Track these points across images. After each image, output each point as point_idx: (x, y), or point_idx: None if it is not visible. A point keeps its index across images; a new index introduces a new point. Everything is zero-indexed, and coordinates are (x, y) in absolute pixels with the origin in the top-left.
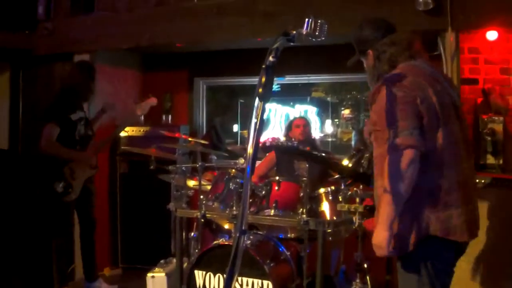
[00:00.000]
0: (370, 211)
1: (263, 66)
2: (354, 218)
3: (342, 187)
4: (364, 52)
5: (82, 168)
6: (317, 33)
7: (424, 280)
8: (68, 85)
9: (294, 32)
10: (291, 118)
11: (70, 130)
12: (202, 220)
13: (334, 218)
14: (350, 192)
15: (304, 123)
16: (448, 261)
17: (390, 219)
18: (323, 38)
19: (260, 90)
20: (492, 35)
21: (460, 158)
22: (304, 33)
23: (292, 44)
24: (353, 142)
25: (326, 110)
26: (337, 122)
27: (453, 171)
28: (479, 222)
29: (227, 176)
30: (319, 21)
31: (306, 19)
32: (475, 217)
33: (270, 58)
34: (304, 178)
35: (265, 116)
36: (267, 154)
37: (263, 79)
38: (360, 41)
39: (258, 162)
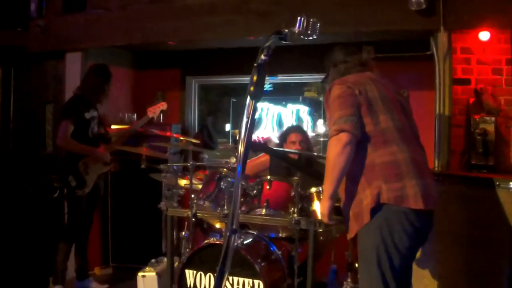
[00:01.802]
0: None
1: (255, 65)
2: None
3: None
4: (328, 67)
5: (95, 164)
6: (309, 32)
7: (381, 249)
8: (84, 86)
9: (287, 30)
10: (286, 128)
11: (84, 127)
12: (193, 219)
13: None
14: None
15: (300, 139)
16: (406, 230)
17: (329, 192)
18: (315, 37)
19: (252, 88)
20: (484, 35)
21: (406, 140)
22: (296, 31)
23: (284, 42)
24: None
25: (318, 109)
26: None
27: (400, 148)
28: (437, 198)
29: (218, 175)
30: (311, 20)
31: (299, 18)
32: (431, 191)
33: (262, 57)
34: (295, 178)
35: (257, 116)
36: (260, 155)
37: (255, 78)
38: (328, 59)
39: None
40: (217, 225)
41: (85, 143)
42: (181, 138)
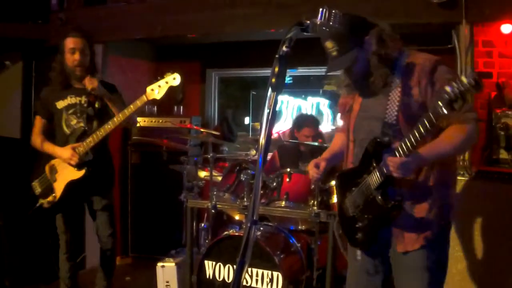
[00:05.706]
0: None
1: (277, 56)
2: None
3: None
4: (361, 39)
5: (65, 167)
6: (331, 23)
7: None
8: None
9: (308, 22)
10: (303, 117)
11: (57, 120)
12: (213, 211)
13: None
14: None
15: (313, 134)
16: None
17: (440, 155)
18: (337, 28)
19: (273, 79)
20: (506, 28)
21: None
22: (318, 23)
23: (305, 34)
24: None
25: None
26: None
27: None
28: None
29: (238, 167)
30: (333, 11)
31: (320, 9)
32: None
33: (284, 48)
34: None
35: (277, 108)
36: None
37: (276, 69)
38: (357, 27)
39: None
40: (237, 217)
41: (59, 138)
42: (202, 130)
